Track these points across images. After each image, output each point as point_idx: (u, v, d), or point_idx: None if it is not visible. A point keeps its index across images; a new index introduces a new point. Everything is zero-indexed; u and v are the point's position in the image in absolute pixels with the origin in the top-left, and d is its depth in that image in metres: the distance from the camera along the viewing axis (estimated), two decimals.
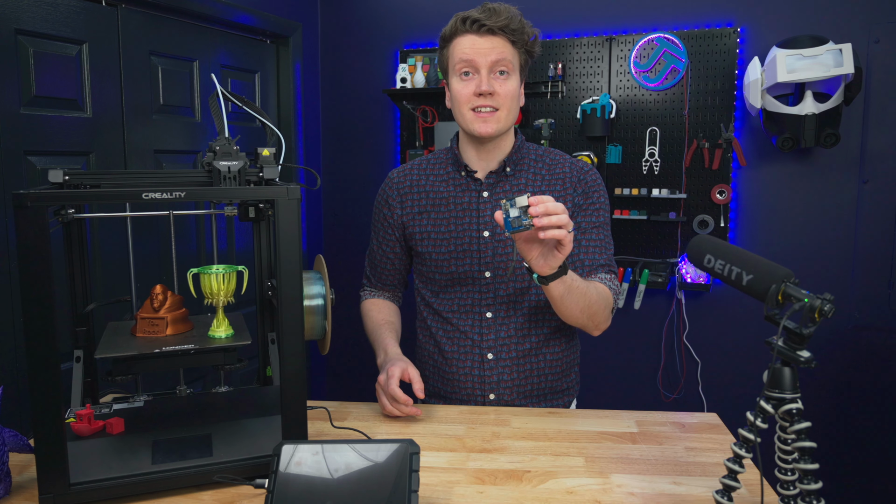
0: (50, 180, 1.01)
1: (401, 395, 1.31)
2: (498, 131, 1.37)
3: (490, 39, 1.33)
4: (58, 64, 2.05)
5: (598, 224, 1.44)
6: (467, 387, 1.46)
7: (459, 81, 1.37)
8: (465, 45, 1.34)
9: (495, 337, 1.44)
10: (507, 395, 1.45)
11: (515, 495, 1.02)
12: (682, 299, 2.90)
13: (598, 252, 1.43)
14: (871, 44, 2.58)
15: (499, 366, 1.44)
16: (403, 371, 1.34)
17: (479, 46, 1.33)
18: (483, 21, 1.32)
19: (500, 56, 1.33)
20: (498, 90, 1.34)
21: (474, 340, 1.44)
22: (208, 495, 1.01)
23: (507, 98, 1.35)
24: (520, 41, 1.36)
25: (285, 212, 0.97)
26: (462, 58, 1.35)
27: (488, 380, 1.44)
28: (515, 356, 1.44)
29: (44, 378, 0.90)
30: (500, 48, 1.33)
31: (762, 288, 0.86)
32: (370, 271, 1.62)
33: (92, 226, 2.14)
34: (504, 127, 1.38)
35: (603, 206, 1.46)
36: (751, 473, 1.05)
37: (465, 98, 1.36)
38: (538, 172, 1.45)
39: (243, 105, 1.18)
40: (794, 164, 2.74)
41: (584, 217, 1.43)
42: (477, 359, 1.44)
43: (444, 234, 1.45)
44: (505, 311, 1.44)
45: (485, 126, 1.36)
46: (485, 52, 1.33)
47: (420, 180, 1.50)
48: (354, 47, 3.27)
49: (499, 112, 1.36)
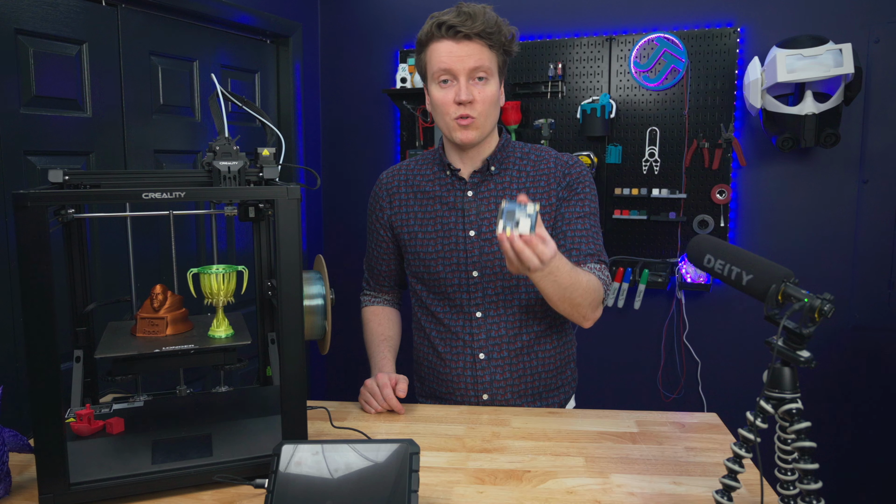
0: (50, 180, 1.01)
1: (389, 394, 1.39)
2: (479, 137, 1.38)
3: (467, 45, 1.32)
4: (58, 64, 2.05)
5: (584, 214, 1.42)
6: (461, 387, 1.46)
7: (439, 89, 1.37)
8: (442, 52, 1.34)
9: (486, 337, 1.43)
10: (501, 395, 1.44)
11: (515, 495, 1.02)
12: (682, 299, 2.90)
13: (585, 242, 1.41)
14: (871, 44, 2.58)
15: (491, 365, 1.44)
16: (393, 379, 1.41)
17: (456, 53, 1.32)
18: (459, 27, 1.31)
19: (477, 63, 1.33)
20: (477, 97, 1.34)
21: (465, 341, 1.44)
22: (208, 495, 1.01)
23: (485, 104, 1.35)
24: (497, 43, 1.35)
25: (285, 212, 0.97)
26: (440, 66, 1.34)
27: (481, 380, 1.44)
28: (507, 355, 1.44)
29: (44, 378, 0.90)
30: (478, 54, 1.33)
31: (762, 288, 0.86)
32: (368, 273, 1.64)
33: (92, 226, 2.14)
34: (484, 132, 1.39)
35: (589, 197, 1.44)
36: (751, 473, 1.05)
37: (445, 106, 1.36)
38: (523, 170, 1.44)
39: (243, 105, 1.18)
40: (794, 164, 2.74)
41: (567, 208, 1.42)
42: (469, 359, 1.44)
43: (431, 233, 1.45)
44: (494, 311, 1.43)
45: (465, 133, 1.37)
46: (462, 58, 1.32)
47: (408, 180, 1.50)
48: (354, 47, 3.27)
49: (478, 119, 1.36)
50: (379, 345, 1.55)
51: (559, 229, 1.42)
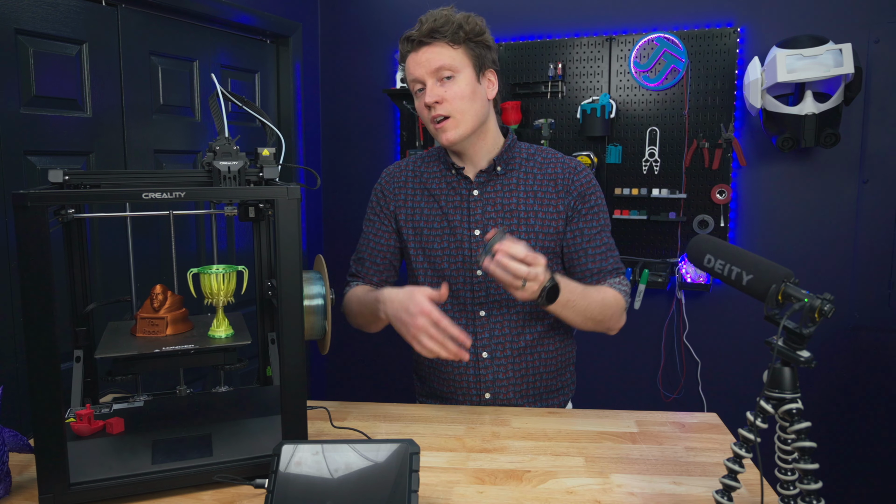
0: (50, 180, 1.01)
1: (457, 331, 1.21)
2: (460, 136, 1.38)
3: (425, 50, 1.35)
4: (58, 64, 2.05)
5: (601, 228, 1.45)
6: (463, 386, 1.46)
7: (416, 98, 1.41)
8: (410, 64, 1.38)
9: (489, 335, 1.44)
10: (503, 394, 1.45)
11: (515, 495, 1.02)
12: (682, 299, 2.90)
13: (604, 258, 1.44)
14: (871, 44, 2.58)
15: (494, 364, 1.44)
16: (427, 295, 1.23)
17: (417, 60, 1.36)
18: (413, 36, 1.36)
19: (438, 64, 1.34)
20: (444, 95, 1.35)
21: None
22: (208, 495, 1.01)
23: (456, 100, 1.35)
24: (457, 38, 1.35)
25: (285, 212, 0.98)
26: (409, 77, 1.39)
27: (484, 378, 1.44)
28: (510, 354, 1.44)
29: (44, 378, 0.90)
30: (436, 55, 1.34)
31: (762, 288, 0.86)
32: (357, 267, 1.56)
33: (92, 226, 2.14)
34: (466, 129, 1.38)
35: (602, 209, 1.46)
36: (751, 473, 1.05)
37: (421, 112, 1.40)
38: (529, 171, 1.45)
39: (243, 105, 1.18)
40: (794, 164, 2.74)
41: (585, 223, 1.43)
42: (472, 358, 1.44)
43: (437, 230, 1.45)
44: (498, 309, 1.44)
45: (444, 135, 1.38)
46: (422, 63, 1.35)
47: (415, 176, 1.51)
48: (354, 47, 3.27)
49: (453, 116, 1.36)
50: (366, 294, 1.43)
51: (579, 246, 1.43)
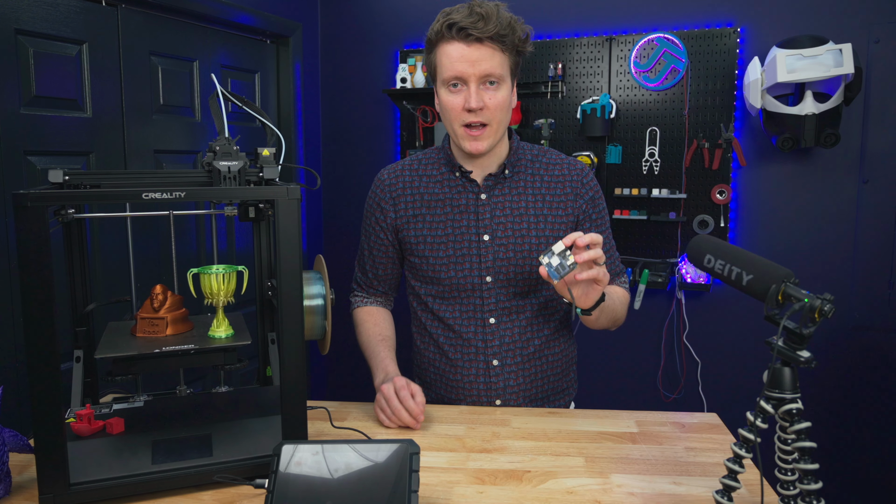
0: (50, 180, 1.01)
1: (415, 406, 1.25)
2: (490, 146, 1.34)
3: (478, 49, 1.25)
4: (58, 64, 2.05)
5: (607, 230, 1.47)
6: (473, 393, 1.44)
7: (448, 93, 1.31)
8: (453, 55, 1.27)
9: (500, 343, 1.41)
10: (514, 400, 1.43)
11: (515, 495, 1.02)
12: (682, 299, 2.89)
13: (611, 260, 1.47)
14: (871, 44, 2.58)
15: (505, 371, 1.42)
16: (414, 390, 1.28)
17: (467, 58, 1.26)
18: (470, 30, 1.24)
19: (489, 69, 1.26)
20: (488, 103, 1.28)
21: (478, 347, 1.42)
22: (208, 495, 1.01)
23: (497, 110, 1.30)
24: (510, 45, 1.28)
25: (285, 212, 0.97)
26: (450, 69, 1.28)
27: (494, 386, 1.42)
28: (520, 360, 1.42)
29: (44, 378, 0.90)
30: (489, 59, 1.26)
31: (762, 288, 0.86)
32: (361, 277, 1.57)
33: (92, 226, 2.14)
34: (496, 140, 1.34)
35: (605, 211, 1.49)
36: (751, 473, 1.05)
37: (454, 112, 1.31)
38: (536, 173, 1.43)
39: (243, 105, 1.18)
40: (794, 164, 2.74)
41: (595, 227, 1.44)
42: (482, 366, 1.42)
43: (442, 237, 1.41)
44: (507, 316, 1.41)
45: (475, 144, 1.32)
46: (473, 63, 1.26)
47: (413, 181, 1.45)
48: (354, 47, 3.27)
49: (489, 126, 1.31)
50: (378, 345, 1.48)
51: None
